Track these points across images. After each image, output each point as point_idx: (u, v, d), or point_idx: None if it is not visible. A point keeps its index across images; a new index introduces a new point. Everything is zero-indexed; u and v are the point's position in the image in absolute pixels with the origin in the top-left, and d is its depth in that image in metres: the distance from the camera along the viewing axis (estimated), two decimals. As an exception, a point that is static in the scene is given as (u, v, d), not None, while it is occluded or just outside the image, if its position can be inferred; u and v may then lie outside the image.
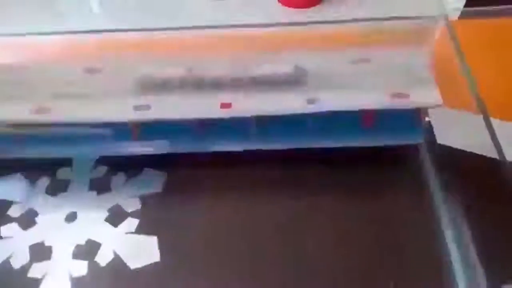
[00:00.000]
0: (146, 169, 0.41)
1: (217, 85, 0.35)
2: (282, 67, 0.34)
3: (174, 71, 0.35)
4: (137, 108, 0.35)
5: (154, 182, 0.41)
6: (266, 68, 0.34)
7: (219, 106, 0.34)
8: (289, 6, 0.38)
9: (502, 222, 0.32)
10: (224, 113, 0.34)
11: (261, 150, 0.39)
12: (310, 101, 0.33)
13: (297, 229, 0.37)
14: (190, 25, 0.36)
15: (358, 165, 0.39)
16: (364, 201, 0.38)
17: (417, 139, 0.37)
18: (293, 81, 0.34)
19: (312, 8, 0.38)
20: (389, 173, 0.39)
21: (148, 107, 0.35)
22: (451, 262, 0.34)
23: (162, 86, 0.35)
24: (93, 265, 0.36)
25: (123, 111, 0.35)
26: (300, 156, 0.39)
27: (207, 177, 0.40)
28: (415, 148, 0.39)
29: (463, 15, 0.44)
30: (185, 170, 0.41)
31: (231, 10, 0.38)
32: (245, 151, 0.39)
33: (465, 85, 0.33)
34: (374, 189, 0.38)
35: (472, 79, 0.33)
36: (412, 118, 0.36)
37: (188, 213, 0.39)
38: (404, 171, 0.39)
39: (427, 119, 0.37)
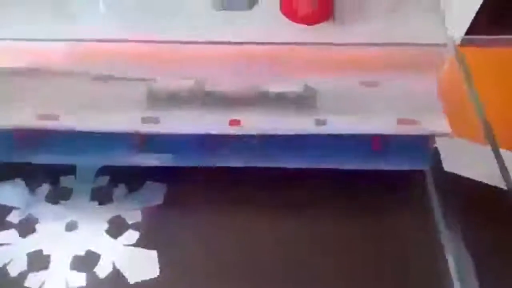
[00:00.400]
0: (147, 181, 0.41)
1: (226, 101, 0.35)
2: (292, 86, 0.34)
3: (184, 85, 0.35)
4: (145, 120, 0.35)
5: (155, 194, 0.40)
6: (276, 86, 0.34)
7: (228, 123, 0.34)
8: (295, 21, 0.37)
9: (504, 249, 0.32)
10: (233, 130, 0.34)
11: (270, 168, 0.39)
12: (319, 123, 0.33)
13: (298, 245, 0.37)
14: (193, 38, 0.36)
15: (362, 185, 0.39)
16: (365, 221, 0.38)
17: (424, 165, 0.37)
18: (303, 101, 0.34)
19: (320, 25, 0.38)
20: (393, 195, 0.38)
21: (156, 120, 0.35)
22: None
23: (171, 99, 0.35)
24: (92, 277, 0.36)
25: (130, 122, 0.35)
26: (304, 174, 0.39)
27: (208, 190, 0.40)
28: (420, 172, 0.39)
29: (470, 43, 0.44)
30: (186, 182, 0.41)
31: (235, 22, 0.38)
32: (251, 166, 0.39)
33: (474, 114, 0.33)
34: (377, 210, 0.38)
35: (481, 108, 0.33)
36: (420, 144, 0.36)
37: (189, 226, 0.39)
38: (408, 195, 0.39)
39: (434, 145, 0.37)
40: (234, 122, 0.34)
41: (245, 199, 0.39)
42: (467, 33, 0.45)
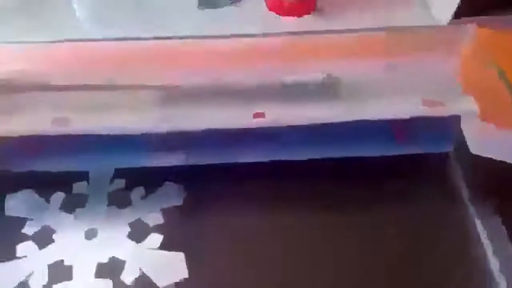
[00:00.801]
0: (165, 182, 0.40)
1: (248, 94, 0.34)
2: (313, 75, 0.33)
3: (202, 81, 0.34)
4: (163, 118, 0.34)
5: (174, 195, 0.39)
6: (297, 76, 0.33)
7: (252, 116, 0.33)
8: (280, 14, 0.37)
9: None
10: (257, 123, 0.33)
11: (283, 161, 0.38)
12: (344, 110, 0.33)
13: (324, 238, 0.37)
14: (178, 34, 0.35)
15: (384, 171, 0.39)
16: (393, 206, 0.38)
17: (449, 148, 0.37)
18: (326, 89, 0.33)
19: (305, 17, 0.38)
20: (417, 181, 0.38)
21: (175, 117, 0.34)
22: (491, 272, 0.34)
23: (190, 96, 0.34)
24: (119, 284, 0.35)
25: (147, 122, 0.34)
26: (326, 167, 0.39)
27: (227, 188, 0.39)
28: (445, 156, 0.39)
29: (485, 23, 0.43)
30: (204, 181, 0.40)
31: (222, 18, 0.37)
32: (268, 161, 0.38)
33: (498, 94, 0.33)
34: (404, 193, 0.38)
35: (509, 86, 0.33)
36: (444, 126, 0.35)
37: (212, 225, 0.38)
38: (434, 176, 0.38)
39: (459, 127, 0.36)
40: (258, 115, 0.33)
41: (265, 194, 0.39)
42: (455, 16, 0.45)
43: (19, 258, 0.36)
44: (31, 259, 0.36)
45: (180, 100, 0.33)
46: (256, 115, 0.33)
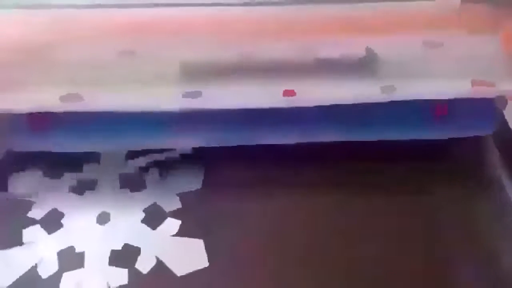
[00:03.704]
0: (182, 163, 0.37)
1: (278, 70, 0.31)
2: (352, 50, 0.30)
3: (228, 54, 0.31)
4: (185, 95, 0.31)
5: (193, 178, 0.37)
6: (334, 51, 0.31)
7: (281, 94, 0.31)
8: None
9: None
10: (287, 102, 0.31)
11: (310, 143, 0.36)
12: (385, 89, 0.30)
13: (347, 227, 0.34)
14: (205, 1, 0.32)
15: (412, 156, 0.36)
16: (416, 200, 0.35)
17: (489, 131, 0.35)
18: (364, 66, 0.31)
19: None
20: (448, 168, 0.36)
21: (198, 94, 0.31)
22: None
23: (215, 71, 0.31)
24: (134, 273, 0.32)
25: (169, 98, 0.31)
26: (352, 149, 0.37)
27: (250, 171, 0.37)
28: (482, 138, 0.37)
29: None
30: (226, 163, 0.37)
31: None
32: (294, 144, 0.36)
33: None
34: (431, 185, 0.36)
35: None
36: (485, 108, 0.33)
37: (233, 211, 0.35)
38: (469, 163, 0.36)
39: (500, 110, 0.34)
40: (288, 93, 0.31)
41: (291, 179, 0.36)
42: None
43: (26, 244, 0.33)
44: (39, 245, 0.33)
45: (205, 76, 0.31)
46: (286, 93, 0.31)
